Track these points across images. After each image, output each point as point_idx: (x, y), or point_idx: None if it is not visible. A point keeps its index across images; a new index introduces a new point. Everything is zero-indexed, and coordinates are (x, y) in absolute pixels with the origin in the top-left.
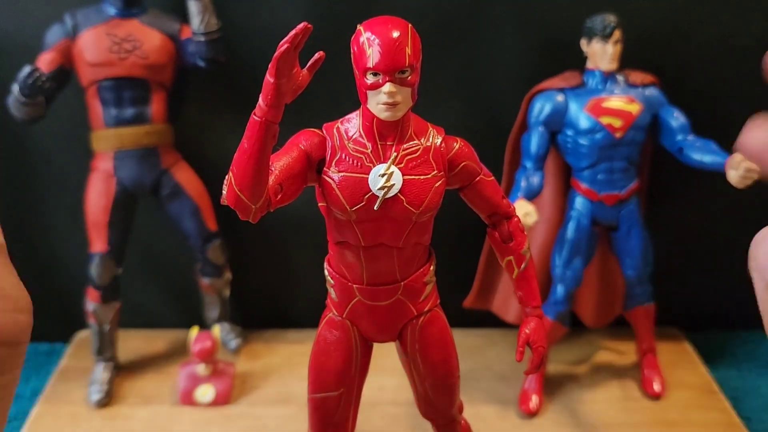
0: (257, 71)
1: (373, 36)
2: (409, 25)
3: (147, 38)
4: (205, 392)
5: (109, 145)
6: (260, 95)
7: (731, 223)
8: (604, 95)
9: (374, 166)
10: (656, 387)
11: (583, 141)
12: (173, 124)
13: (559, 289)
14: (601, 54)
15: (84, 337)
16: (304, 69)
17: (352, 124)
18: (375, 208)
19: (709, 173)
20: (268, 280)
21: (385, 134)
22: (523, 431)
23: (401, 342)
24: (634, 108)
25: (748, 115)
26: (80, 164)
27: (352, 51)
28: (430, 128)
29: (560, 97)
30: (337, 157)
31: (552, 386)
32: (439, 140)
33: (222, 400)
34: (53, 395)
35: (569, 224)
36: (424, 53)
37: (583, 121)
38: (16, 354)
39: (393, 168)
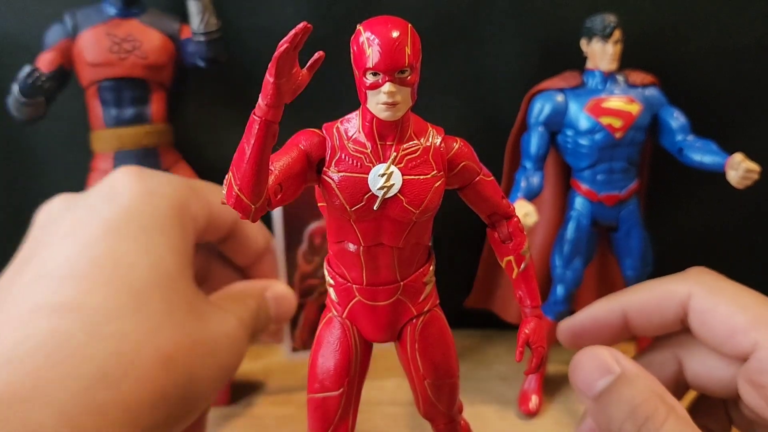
0: (257, 71)
1: (373, 36)
2: (409, 25)
3: (147, 38)
4: None
5: (109, 145)
6: (260, 95)
7: (731, 224)
8: (604, 95)
9: (374, 166)
10: None
11: (583, 141)
12: (173, 124)
13: (559, 290)
14: (601, 54)
15: None
16: (304, 69)
17: (351, 124)
18: (374, 208)
19: (709, 173)
20: None
21: (385, 134)
22: (523, 431)
23: (401, 342)
24: (634, 108)
25: (748, 115)
26: (80, 164)
27: (351, 51)
28: (430, 128)
29: (560, 97)
30: (337, 157)
31: (552, 386)
32: (438, 140)
33: (222, 400)
34: None
35: (569, 224)
36: (424, 53)
37: (583, 122)
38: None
39: (393, 168)
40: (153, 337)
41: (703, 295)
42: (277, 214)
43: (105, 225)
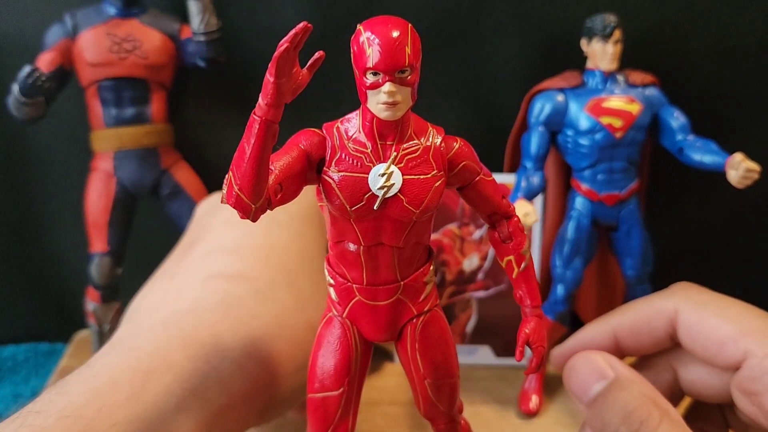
0: (257, 71)
1: (373, 35)
2: (409, 25)
3: (147, 38)
4: None
5: (109, 145)
6: (260, 95)
7: (731, 223)
8: (604, 95)
9: (374, 165)
10: None
11: (583, 141)
12: (173, 124)
13: (559, 289)
14: (601, 54)
15: (84, 337)
16: (304, 69)
17: (352, 123)
18: (375, 207)
19: (709, 173)
20: None
21: (385, 134)
22: (523, 431)
23: (401, 342)
24: (635, 108)
25: (748, 115)
26: (80, 164)
27: (351, 51)
28: (430, 128)
29: (560, 97)
30: (337, 157)
31: (552, 386)
32: (438, 140)
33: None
34: None
35: (569, 224)
36: (424, 53)
37: (584, 121)
38: None
39: (393, 167)
40: (301, 308)
41: (690, 309)
42: None
43: None
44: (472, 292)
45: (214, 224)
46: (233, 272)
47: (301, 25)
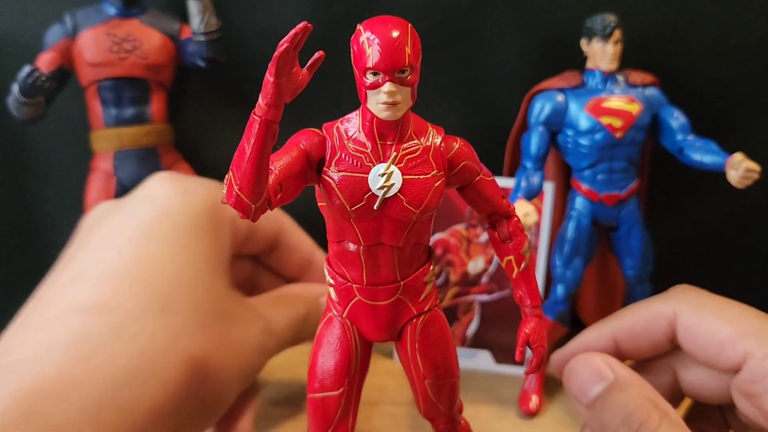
0: (257, 71)
1: (373, 35)
2: (409, 25)
3: (147, 38)
4: None
5: (109, 145)
6: (260, 95)
7: (731, 223)
8: (604, 95)
9: (374, 165)
10: None
11: (583, 141)
12: (173, 124)
13: (559, 289)
14: (601, 54)
15: None
16: (304, 69)
17: (351, 123)
18: (375, 207)
19: (709, 173)
20: None
21: (385, 134)
22: (523, 431)
23: (401, 342)
24: (634, 108)
25: (748, 115)
26: (80, 164)
27: (351, 51)
28: (430, 128)
29: (560, 97)
30: (337, 157)
31: (552, 386)
32: (438, 140)
33: None
34: None
35: (569, 224)
36: (424, 53)
37: (584, 121)
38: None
39: (393, 167)
40: (177, 338)
41: (689, 312)
42: None
43: (139, 227)
44: (475, 295)
45: (89, 243)
46: (93, 302)
47: (301, 25)
